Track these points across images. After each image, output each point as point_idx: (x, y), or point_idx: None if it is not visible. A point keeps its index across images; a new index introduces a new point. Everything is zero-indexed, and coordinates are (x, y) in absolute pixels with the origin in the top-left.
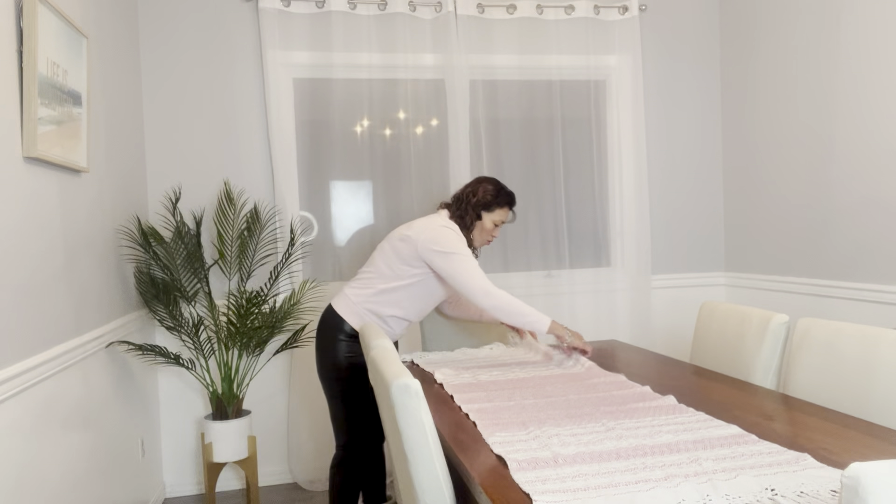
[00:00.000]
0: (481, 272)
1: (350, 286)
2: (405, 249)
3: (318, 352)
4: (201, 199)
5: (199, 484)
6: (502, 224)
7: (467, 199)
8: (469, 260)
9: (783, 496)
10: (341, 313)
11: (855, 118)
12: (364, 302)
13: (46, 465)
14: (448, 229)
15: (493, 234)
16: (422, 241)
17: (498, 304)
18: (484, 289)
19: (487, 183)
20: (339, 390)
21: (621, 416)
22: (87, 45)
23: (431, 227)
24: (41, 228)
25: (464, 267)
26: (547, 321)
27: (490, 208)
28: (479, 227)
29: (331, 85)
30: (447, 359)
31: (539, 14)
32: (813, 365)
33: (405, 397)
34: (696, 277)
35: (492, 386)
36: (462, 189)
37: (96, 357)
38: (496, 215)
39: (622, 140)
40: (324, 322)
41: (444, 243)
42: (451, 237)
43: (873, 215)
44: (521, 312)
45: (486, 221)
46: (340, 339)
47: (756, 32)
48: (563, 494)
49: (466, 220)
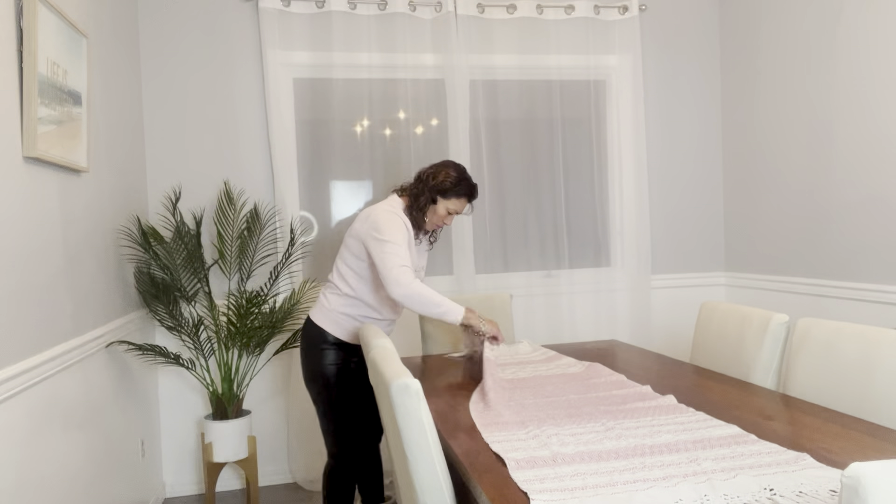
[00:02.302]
0: (403, 262)
1: (322, 294)
2: (353, 243)
3: (304, 363)
4: (201, 199)
5: (199, 484)
6: (456, 214)
7: (427, 179)
8: (396, 249)
9: (782, 496)
10: (319, 323)
11: (855, 118)
12: (337, 307)
13: (46, 465)
14: (390, 213)
15: (445, 222)
16: (365, 229)
17: (409, 294)
18: (396, 279)
19: (451, 169)
20: (326, 399)
21: (621, 416)
22: (87, 45)
23: (374, 213)
24: (41, 228)
25: (387, 255)
26: (460, 311)
27: (447, 195)
28: (433, 210)
29: (331, 85)
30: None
31: (539, 14)
32: (813, 365)
33: (405, 397)
34: (696, 277)
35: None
36: (424, 169)
37: (96, 357)
38: (452, 203)
39: (622, 140)
40: (306, 334)
41: (380, 229)
42: (389, 223)
43: (873, 215)
44: (434, 303)
45: (439, 207)
46: (323, 349)
47: (756, 32)
48: (561, 493)
49: (421, 200)
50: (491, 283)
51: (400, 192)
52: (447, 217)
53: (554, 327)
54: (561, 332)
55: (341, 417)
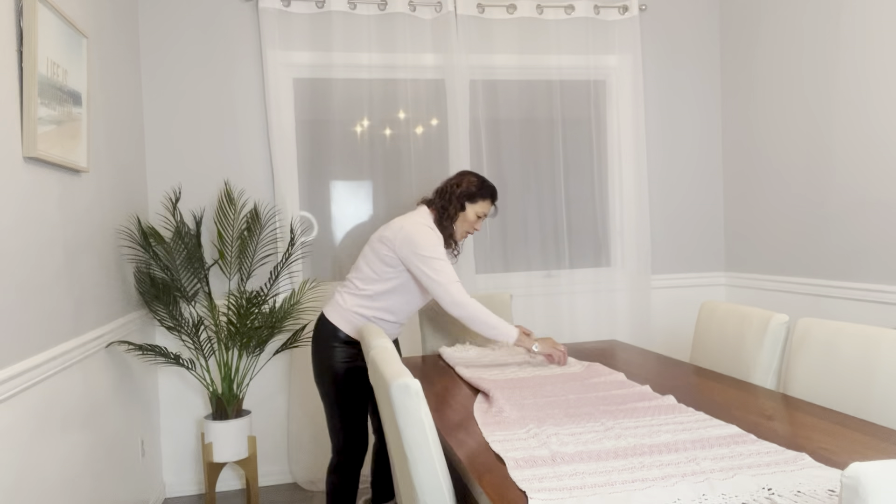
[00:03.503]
0: (455, 278)
1: (339, 292)
2: (384, 250)
3: (315, 359)
4: (201, 199)
5: (199, 484)
6: (484, 217)
7: (451, 189)
8: (444, 266)
9: (780, 495)
10: (333, 320)
11: (855, 118)
12: (353, 307)
13: (46, 465)
14: (426, 227)
15: (476, 227)
16: (399, 241)
17: (467, 316)
18: (454, 299)
19: (471, 175)
20: (335, 396)
21: (621, 416)
22: (87, 45)
23: (408, 225)
24: (41, 228)
25: (438, 273)
26: (514, 335)
27: (474, 199)
28: (462, 217)
29: (331, 85)
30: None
31: (539, 14)
32: (813, 365)
33: (405, 397)
34: (696, 277)
35: (492, 385)
36: (445, 182)
37: (96, 357)
38: (479, 207)
39: (622, 140)
40: (318, 330)
41: (421, 245)
42: (428, 239)
43: (873, 215)
44: (490, 325)
45: (469, 213)
46: (335, 346)
47: (756, 32)
48: (560, 493)
49: (450, 210)
50: (491, 282)
51: (427, 203)
52: (476, 222)
53: (554, 327)
54: (561, 332)
55: (348, 414)
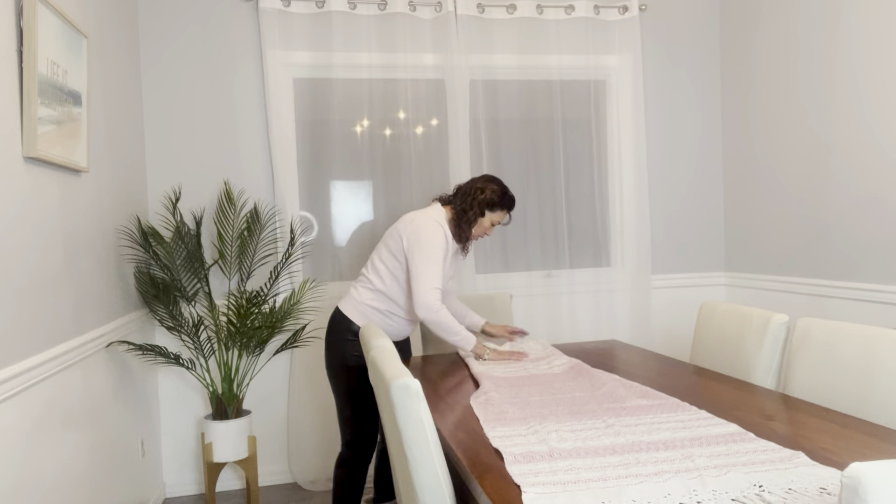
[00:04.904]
0: (437, 284)
1: (353, 286)
2: (394, 244)
3: (327, 350)
4: (201, 199)
5: (199, 484)
6: (498, 224)
7: (474, 194)
8: (434, 268)
9: (770, 492)
10: (347, 314)
11: (855, 118)
12: (367, 300)
13: (46, 465)
14: (436, 225)
15: (488, 233)
16: (408, 232)
17: (435, 321)
18: (427, 302)
19: (494, 184)
20: (346, 388)
21: (623, 414)
22: (87, 45)
23: (419, 219)
24: (41, 228)
25: (425, 272)
26: (472, 341)
27: (494, 208)
28: (479, 223)
29: (331, 85)
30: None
31: (539, 14)
32: (813, 365)
33: (405, 397)
34: (696, 277)
35: (502, 382)
36: (469, 183)
37: (96, 357)
38: (497, 215)
39: (622, 140)
40: (332, 322)
41: (424, 241)
42: (433, 238)
43: (873, 215)
44: (453, 332)
45: (486, 220)
46: (348, 339)
47: (756, 32)
48: (553, 486)
49: (469, 214)
50: (491, 283)
51: (442, 202)
52: (490, 228)
53: (554, 327)
54: (561, 332)
55: (359, 408)
